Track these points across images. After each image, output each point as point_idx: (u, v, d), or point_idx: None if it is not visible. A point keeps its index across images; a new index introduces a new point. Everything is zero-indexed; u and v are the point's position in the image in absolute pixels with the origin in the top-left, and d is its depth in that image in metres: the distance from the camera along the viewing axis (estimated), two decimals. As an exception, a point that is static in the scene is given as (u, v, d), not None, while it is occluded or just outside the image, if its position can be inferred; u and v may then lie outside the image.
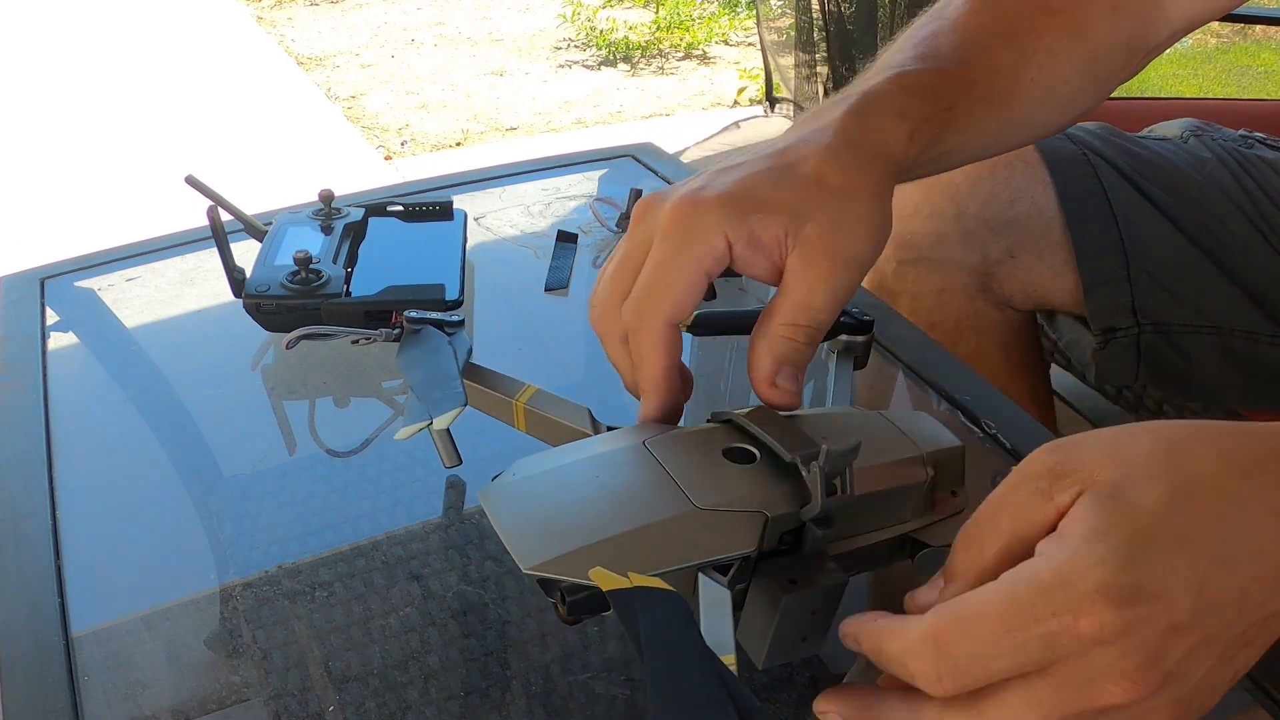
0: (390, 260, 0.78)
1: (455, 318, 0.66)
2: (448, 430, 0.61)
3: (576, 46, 4.11)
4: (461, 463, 0.61)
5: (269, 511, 0.62)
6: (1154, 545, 0.31)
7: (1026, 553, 0.33)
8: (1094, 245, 0.85)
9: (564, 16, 4.28)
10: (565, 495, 0.41)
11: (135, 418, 0.72)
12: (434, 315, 0.65)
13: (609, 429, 0.50)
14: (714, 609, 0.38)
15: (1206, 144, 0.90)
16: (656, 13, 4.34)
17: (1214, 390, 0.91)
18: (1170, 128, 0.95)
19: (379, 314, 0.70)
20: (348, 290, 0.72)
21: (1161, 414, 1.13)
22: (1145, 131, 0.98)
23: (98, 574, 0.58)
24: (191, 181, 0.73)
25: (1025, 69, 0.53)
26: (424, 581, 0.57)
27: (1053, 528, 0.33)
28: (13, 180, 2.93)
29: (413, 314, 0.65)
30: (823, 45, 2.85)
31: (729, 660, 0.36)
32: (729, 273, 0.55)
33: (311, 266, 0.71)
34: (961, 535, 0.36)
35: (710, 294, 0.80)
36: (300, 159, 3.07)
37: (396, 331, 0.68)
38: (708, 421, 0.46)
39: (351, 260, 0.77)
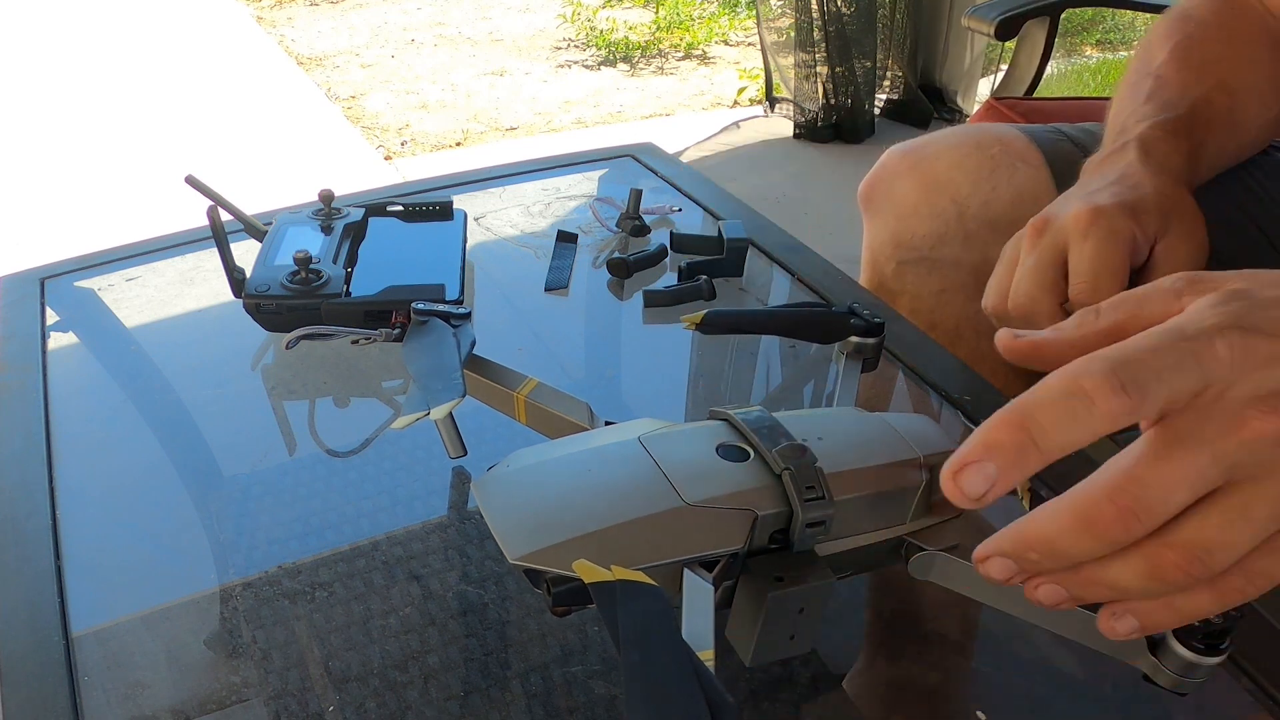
0: (390, 260, 0.78)
1: (462, 310, 0.66)
2: (453, 421, 0.61)
3: (576, 46, 4.11)
4: (466, 453, 0.61)
5: (269, 511, 0.62)
6: (1272, 309, 0.34)
7: (1139, 327, 0.35)
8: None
9: (564, 16, 4.28)
10: (556, 487, 0.40)
11: (135, 418, 0.72)
12: (441, 307, 0.66)
13: (607, 424, 0.50)
14: (696, 604, 0.38)
15: (1210, 144, 0.90)
16: (656, 13, 4.34)
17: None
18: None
19: (379, 314, 0.70)
20: (348, 290, 0.72)
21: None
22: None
23: (98, 574, 0.58)
24: (191, 181, 0.73)
25: (1238, 100, 0.72)
26: (424, 581, 0.57)
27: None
28: (13, 180, 2.93)
29: (420, 305, 0.65)
30: (823, 45, 2.85)
31: (707, 655, 0.36)
32: (720, 272, 0.53)
33: (311, 266, 0.71)
34: (1083, 309, 0.39)
35: (710, 293, 0.80)
36: (300, 159, 3.07)
37: (397, 331, 0.68)
38: (708, 419, 0.46)
39: (351, 260, 0.77)
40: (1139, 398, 0.31)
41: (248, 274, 0.73)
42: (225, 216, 0.72)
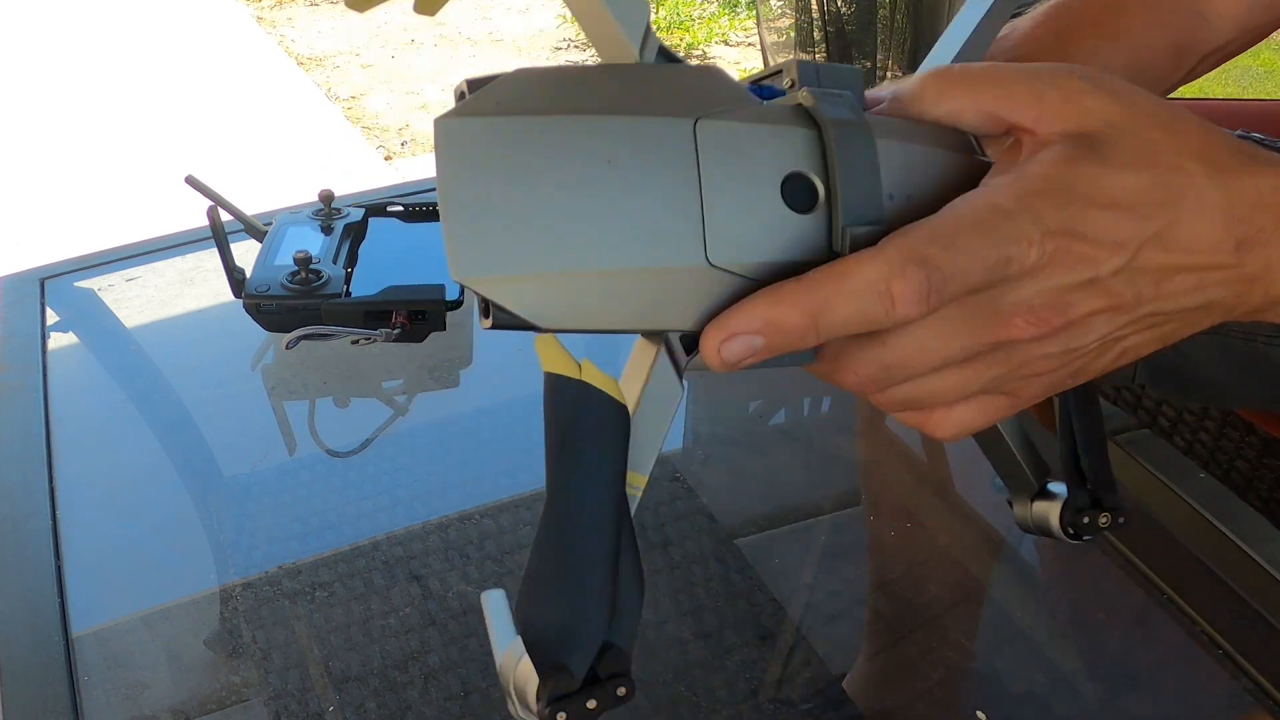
0: (390, 260, 0.78)
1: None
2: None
3: (576, 47, 4.11)
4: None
5: (269, 511, 0.62)
6: (1104, 211, 0.32)
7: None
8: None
9: (564, 17, 4.28)
10: (548, 177, 0.28)
11: (135, 418, 0.72)
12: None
13: (663, 52, 0.33)
14: (656, 403, 0.31)
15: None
16: (656, 13, 4.35)
17: (1213, 390, 0.91)
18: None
19: (379, 314, 0.70)
20: (348, 290, 0.72)
21: (1160, 413, 1.13)
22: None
23: (98, 574, 0.58)
24: (191, 181, 0.73)
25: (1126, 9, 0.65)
26: (424, 581, 0.57)
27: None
28: (13, 180, 2.93)
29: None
30: (823, 45, 2.85)
31: (639, 480, 0.31)
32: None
33: (311, 266, 0.71)
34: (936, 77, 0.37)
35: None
36: (300, 159, 3.07)
37: (397, 331, 0.68)
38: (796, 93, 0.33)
39: (351, 260, 0.77)
40: (938, 304, 0.30)
41: (248, 274, 0.73)
42: (225, 216, 0.72)
